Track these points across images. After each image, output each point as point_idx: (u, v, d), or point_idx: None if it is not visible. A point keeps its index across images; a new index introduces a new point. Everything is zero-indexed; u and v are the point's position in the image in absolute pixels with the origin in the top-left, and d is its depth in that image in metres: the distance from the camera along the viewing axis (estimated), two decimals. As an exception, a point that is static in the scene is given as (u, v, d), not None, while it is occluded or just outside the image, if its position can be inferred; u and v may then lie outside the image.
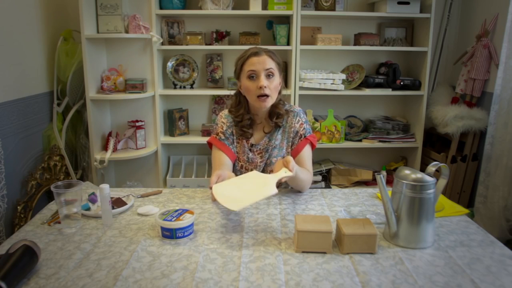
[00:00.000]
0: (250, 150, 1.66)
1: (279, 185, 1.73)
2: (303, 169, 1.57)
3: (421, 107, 2.87)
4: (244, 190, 1.31)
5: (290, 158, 1.41)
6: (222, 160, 1.61)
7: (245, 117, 1.64)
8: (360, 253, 1.15)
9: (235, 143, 1.67)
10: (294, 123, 1.66)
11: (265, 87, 1.53)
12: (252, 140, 1.67)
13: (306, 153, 1.66)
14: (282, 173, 1.39)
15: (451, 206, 1.51)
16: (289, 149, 1.68)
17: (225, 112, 1.71)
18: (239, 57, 1.61)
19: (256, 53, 1.56)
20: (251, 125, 1.66)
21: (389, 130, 2.99)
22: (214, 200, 1.37)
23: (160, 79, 2.86)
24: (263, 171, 1.67)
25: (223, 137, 1.65)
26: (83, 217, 1.38)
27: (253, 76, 1.55)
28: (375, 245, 1.15)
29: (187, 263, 1.10)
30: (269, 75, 1.55)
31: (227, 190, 1.32)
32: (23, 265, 1.01)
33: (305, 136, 1.66)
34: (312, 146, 1.69)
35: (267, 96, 1.55)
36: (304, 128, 1.67)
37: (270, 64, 1.56)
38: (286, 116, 1.67)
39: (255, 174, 1.42)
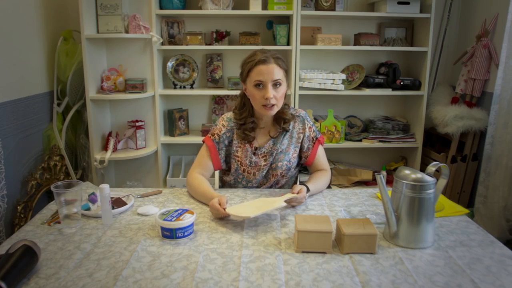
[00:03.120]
0: (254, 153, 1.64)
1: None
2: (319, 178, 1.64)
3: (421, 107, 2.87)
4: (256, 206, 1.39)
5: (299, 187, 1.50)
6: (204, 163, 1.65)
7: (248, 120, 1.62)
8: (360, 253, 1.16)
9: (233, 147, 1.65)
10: (302, 129, 1.67)
11: (271, 98, 1.51)
12: (256, 144, 1.65)
13: (321, 154, 1.71)
14: (289, 195, 1.46)
15: (451, 206, 1.51)
16: (296, 154, 1.67)
17: (228, 115, 1.68)
18: (247, 60, 1.57)
19: (264, 61, 1.51)
20: (253, 129, 1.64)
21: (389, 130, 2.99)
22: (220, 217, 1.40)
23: (160, 79, 2.86)
24: (267, 174, 1.67)
25: (217, 139, 1.64)
26: (83, 217, 1.38)
27: (259, 85, 1.53)
28: (375, 245, 1.15)
29: (187, 263, 1.10)
30: (276, 85, 1.53)
31: (241, 208, 1.40)
32: (23, 265, 1.01)
33: (317, 138, 1.69)
34: (322, 144, 1.74)
35: (273, 105, 1.53)
36: (313, 131, 1.69)
37: (278, 74, 1.52)
38: (292, 121, 1.66)
39: (263, 198, 1.50)
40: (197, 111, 3.07)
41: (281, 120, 1.62)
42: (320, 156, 1.71)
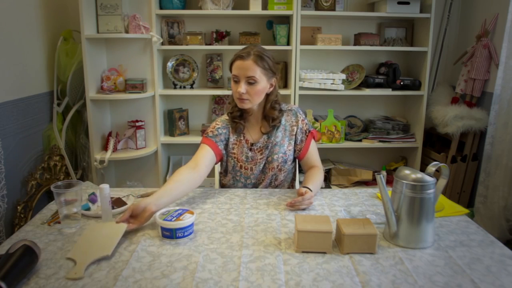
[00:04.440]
0: (250, 149, 1.68)
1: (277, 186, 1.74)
2: (315, 177, 1.63)
3: (421, 107, 2.87)
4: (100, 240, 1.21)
5: (303, 189, 1.49)
6: (201, 155, 1.59)
7: (235, 109, 1.67)
8: (360, 253, 1.15)
9: (230, 144, 1.67)
10: (295, 121, 1.70)
11: (242, 93, 1.55)
12: (251, 140, 1.69)
13: (313, 149, 1.73)
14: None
15: (451, 206, 1.51)
16: (291, 147, 1.70)
17: (222, 117, 1.74)
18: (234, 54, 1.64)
19: (242, 57, 1.56)
20: (241, 117, 1.68)
21: (389, 130, 2.99)
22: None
23: (160, 79, 2.86)
24: (264, 168, 1.69)
25: (211, 134, 1.67)
26: (83, 217, 1.38)
27: (235, 80, 1.59)
28: (375, 245, 1.15)
29: (187, 263, 1.10)
30: (250, 82, 1.56)
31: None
32: (23, 265, 1.01)
33: (309, 131, 1.71)
34: (315, 138, 1.75)
35: (245, 99, 1.58)
36: (306, 124, 1.72)
37: (253, 71, 1.54)
38: (285, 115, 1.70)
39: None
40: (197, 111, 3.07)
41: (269, 118, 1.66)
42: (313, 151, 1.72)
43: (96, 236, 1.22)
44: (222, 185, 1.82)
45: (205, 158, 1.59)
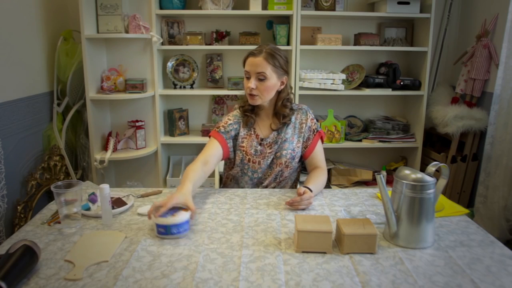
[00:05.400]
0: (260, 144, 1.71)
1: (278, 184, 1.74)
2: (317, 177, 1.65)
3: (421, 107, 2.87)
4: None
5: (303, 189, 1.50)
6: (211, 149, 1.64)
7: (246, 103, 1.71)
8: (360, 253, 1.15)
9: (239, 138, 1.70)
10: (305, 119, 1.73)
11: (253, 88, 1.60)
12: (261, 135, 1.72)
13: (319, 149, 1.75)
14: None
15: (451, 206, 1.51)
16: (299, 144, 1.72)
17: (234, 112, 1.77)
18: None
19: (254, 54, 1.61)
20: (253, 111, 1.72)
21: (389, 130, 2.99)
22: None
23: (160, 79, 2.86)
24: (271, 163, 1.71)
25: (223, 130, 1.70)
26: (83, 217, 1.38)
27: (247, 76, 1.63)
28: (375, 245, 1.15)
29: (187, 263, 1.10)
30: (260, 78, 1.60)
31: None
32: (23, 265, 1.01)
33: (317, 130, 1.74)
34: (322, 139, 1.78)
35: (255, 95, 1.62)
36: (315, 123, 1.75)
37: (263, 68, 1.59)
38: (296, 113, 1.74)
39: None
40: (197, 111, 3.07)
41: (280, 115, 1.70)
42: (318, 152, 1.74)
43: (94, 242, 1.22)
44: (228, 176, 1.82)
45: (215, 155, 1.64)
